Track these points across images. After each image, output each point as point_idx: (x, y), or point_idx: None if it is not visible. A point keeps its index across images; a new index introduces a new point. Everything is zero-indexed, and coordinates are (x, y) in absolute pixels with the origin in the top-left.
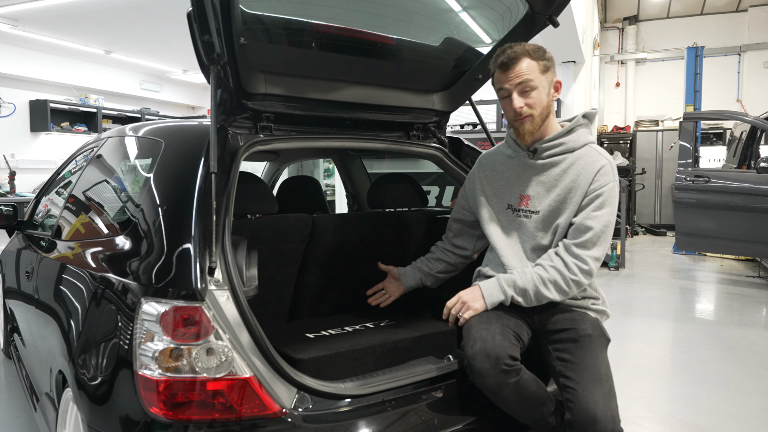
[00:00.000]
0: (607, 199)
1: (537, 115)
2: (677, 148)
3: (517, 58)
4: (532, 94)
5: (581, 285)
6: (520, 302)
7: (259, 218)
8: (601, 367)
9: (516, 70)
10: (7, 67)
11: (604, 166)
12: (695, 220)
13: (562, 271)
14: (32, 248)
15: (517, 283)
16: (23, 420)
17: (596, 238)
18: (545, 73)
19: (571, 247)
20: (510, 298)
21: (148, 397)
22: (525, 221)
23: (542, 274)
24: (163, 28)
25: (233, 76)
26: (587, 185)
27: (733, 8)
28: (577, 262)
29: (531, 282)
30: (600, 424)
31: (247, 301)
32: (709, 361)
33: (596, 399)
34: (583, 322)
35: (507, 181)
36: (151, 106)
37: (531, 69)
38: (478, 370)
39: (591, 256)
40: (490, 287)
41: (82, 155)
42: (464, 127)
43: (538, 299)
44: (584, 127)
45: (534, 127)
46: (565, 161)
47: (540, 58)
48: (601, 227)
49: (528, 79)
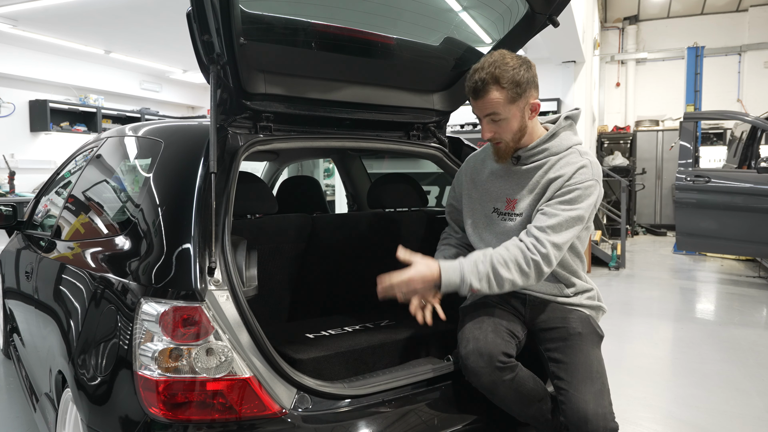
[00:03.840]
0: (580, 196)
1: (509, 140)
2: (677, 148)
3: (484, 89)
4: (500, 123)
5: (540, 270)
6: (480, 290)
7: (259, 218)
8: (592, 365)
9: (483, 101)
10: (7, 67)
11: (584, 166)
12: (695, 220)
13: (522, 249)
14: (32, 248)
15: (479, 266)
16: (23, 420)
17: (557, 226)
18: (515, 101)
19: (531, 228)
20: (468, 285)
21: (147, 397)
22: (510, 224)
23: (503, 253)
24: (163, 28)
25: (233, 76)
26: (564, 181)
27: (734, 8)
28: (536, 243)
29: (490, 263)
30: (591, 423)
31: (246, 301)
32: (709, 361)
33: (587, 398)
34: (573, 320)
35: (492, 185)
36: (151, 106)
37: (497, 101)
38: (473, 369)
39: (549, 241)
40: (450, 271)
41: (82, 155)
42: (464, 127)
43: (500, 283)
44: (567, 129)
45: (507, 150)
46: (547, 163)
47: (510, 86)
48: (566, 217)
49: (494, 112)
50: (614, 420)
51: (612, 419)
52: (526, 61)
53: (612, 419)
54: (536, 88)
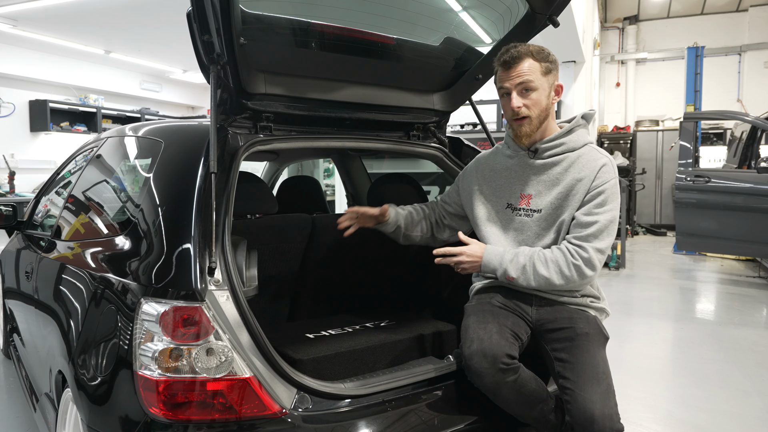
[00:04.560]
0: (610, 196)
1: (535, 117)
2: (677, 148)
3: (520, 58)
4: (531, 95)
5: (582, 273)
6: (516, 279)
7: (259, 218)
8: (598, 365)
9: (518, 70)
10: (7, 67)
11: (605, 164)
12: (695, 220)
13: (564, 253)
14: (32, 248)
15: (519, 258)
16: (23, 420)
17: (598, 233)
18: (547, 75)
19: (571, 239)
20: (503, 271)
21: (147, 397)
22: (526, 220)
23: (545, 252)
24: (163, 28)
25: (233, 76)
26: (590, 182)
27: (734, 8)
28: (578, 250)
29: (530, 258)
30: (598, 423)
31: (246, 301)
32: (709, 361)
33: (593, 398)
34: (580, 321)
35: (506, 180)
36: (151, 106)
37: (533, 70)
38: (476, 370)
39: (593, 247)
40: (492, 254)
41: (82, 155)
42: (464, 127)
43: (536, 278)
44: (583, 128)
45: (531, 129)
46: (565, 160)
47: (543, 59)
48: (604, 222)
49: (528, 80)
50: (620, 421)
51: (618, 420)
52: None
53: (618, 420)
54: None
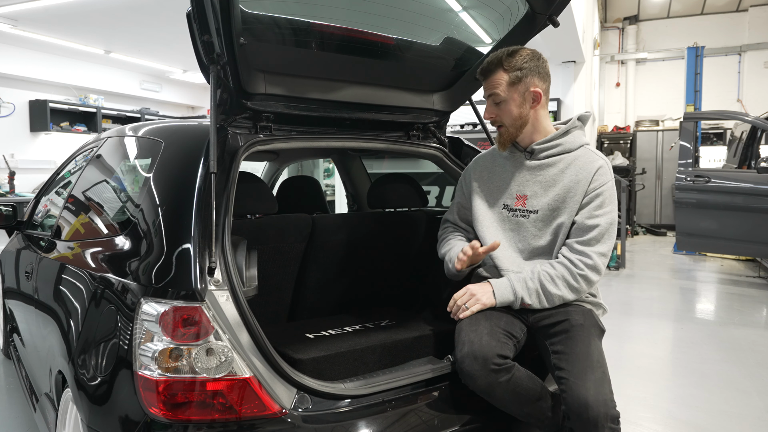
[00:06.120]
0: (608, 198)
1: (508, 125)
2: (677, 148)
3: (490, 70)
4: (501, 105)
5: (590, 280)
6: (531, 305)
7: (259, 218)
8: (592, 354)
9: (487, 82)
10: (7, 67)
11: (602, 166)
12: (695, 220)
13: (568, 266)
14: (32, 248)
15: (528, 283)
16: (23, 420)
17: (600, 236)
18: (515, 84)
19: (573, 245)
20: (520, 300)
21: (147, 397)
22: (522, 221)
23: (549, 271)
24: (163, 28)
25: (233, 76)
26: (587, 184)
27: (734, 8)
28: (582, 258)
29: (538, 280)
30: (592, 409)
31: (246, 301)
32: (709, 361)
33: (587, 385)
34: (575, 313)
35: (503, 181)
36: (151, 106)
37: (499, 82)
38: (468, 373)
39: (595, 252)
40: (502, 287)
41: (82, 155)
42: (464, 127)
43: (549, 299)
44: (579, 129)
45: (508, 137)
46: (562, 161)
47: (513, 69)
48: (605, 225)
49: (495, 93)
50: (615, 408)
51: (613, 406)
52: (537, 54)
53: (613, 406)
54: (541, 79)
